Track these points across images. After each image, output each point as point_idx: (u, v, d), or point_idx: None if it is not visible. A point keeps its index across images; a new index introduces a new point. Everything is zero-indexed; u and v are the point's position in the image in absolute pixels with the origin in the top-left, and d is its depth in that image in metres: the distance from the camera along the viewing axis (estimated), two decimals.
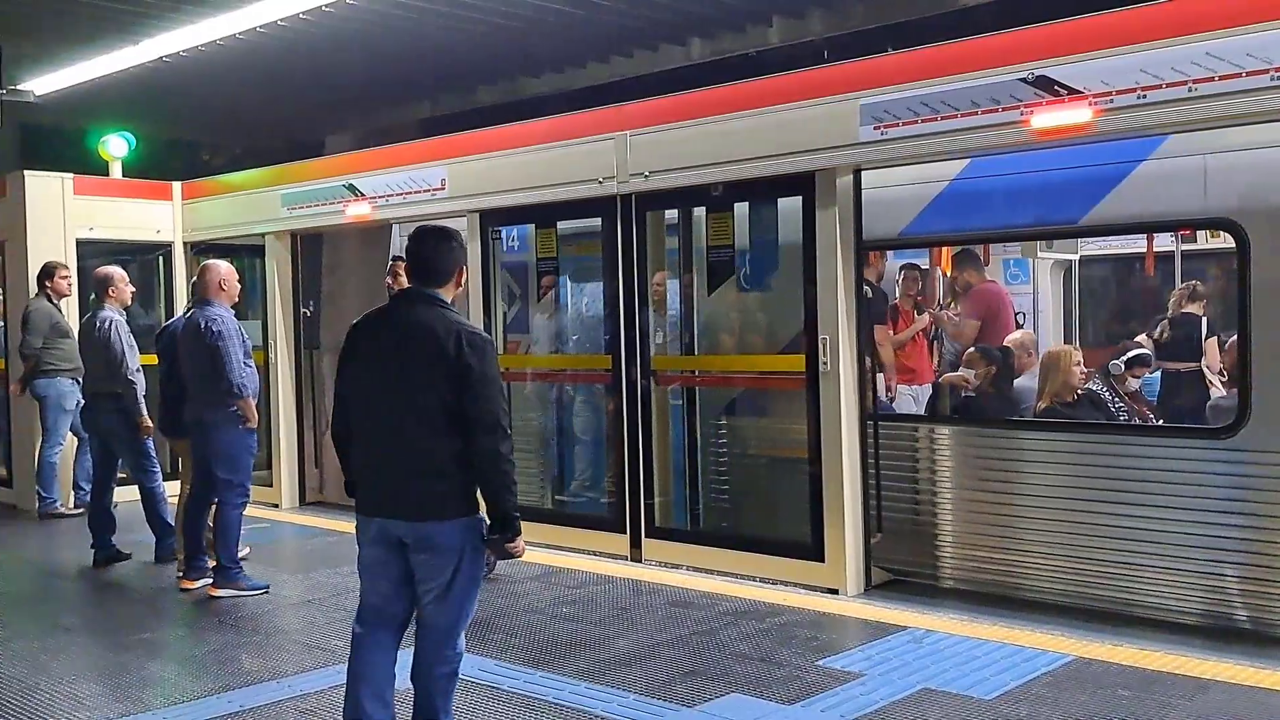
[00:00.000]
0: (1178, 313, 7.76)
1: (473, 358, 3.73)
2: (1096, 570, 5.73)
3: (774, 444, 7.23)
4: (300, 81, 12.70)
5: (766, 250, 6.96)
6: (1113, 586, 5.69)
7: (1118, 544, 5.62)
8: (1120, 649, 5.11)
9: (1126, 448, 5.76)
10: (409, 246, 4.01)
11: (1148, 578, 5.58)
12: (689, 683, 4.77)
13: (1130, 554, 5.60)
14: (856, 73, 6.32)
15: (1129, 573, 5.63)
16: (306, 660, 5.25)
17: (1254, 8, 4.97)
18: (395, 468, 3.80)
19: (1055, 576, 5.89)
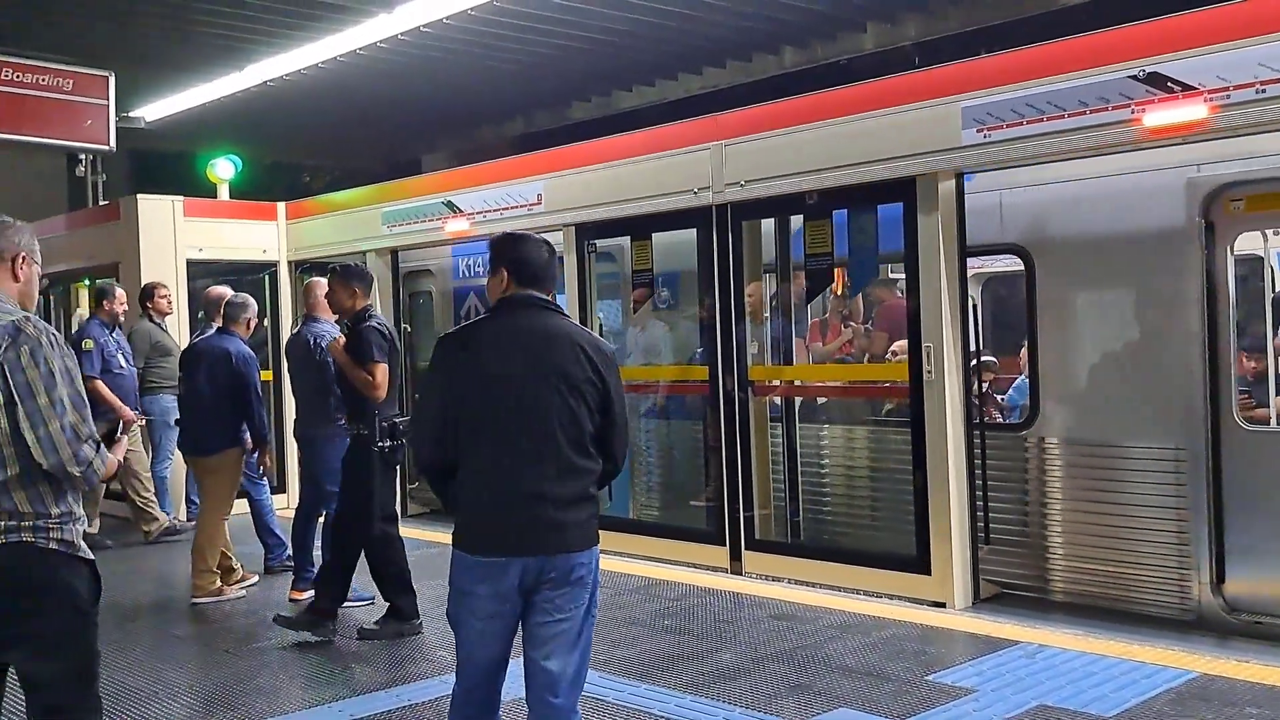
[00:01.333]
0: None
1: (610, 374, 3.41)
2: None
3: (876, 454, 7.11)
4: (397, 102, 12.98)
5: (865, 257, 6.85)
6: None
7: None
8: (1246, 665, 4.91)
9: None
10: (504, 250, 3.53)
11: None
12: (795, 697, 4.70)
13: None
14: (957, 75, 6.21)
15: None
16: (414, 670, 5.32)
17: None
18: (542, 495, 3.30)
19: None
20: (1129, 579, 5.99)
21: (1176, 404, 5.83)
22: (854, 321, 7.79)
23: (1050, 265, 6.28)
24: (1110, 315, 6.21)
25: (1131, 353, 6.11)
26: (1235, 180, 5.68)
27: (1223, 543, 5.69)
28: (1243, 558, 5.66)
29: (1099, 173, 6.02)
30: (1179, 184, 5.80)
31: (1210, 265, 5.75)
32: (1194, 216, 5.76)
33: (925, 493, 6.27)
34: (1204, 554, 5.71)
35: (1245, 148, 5.52)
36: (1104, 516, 6.06)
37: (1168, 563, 5.86)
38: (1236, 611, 5.69)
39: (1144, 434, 5.95)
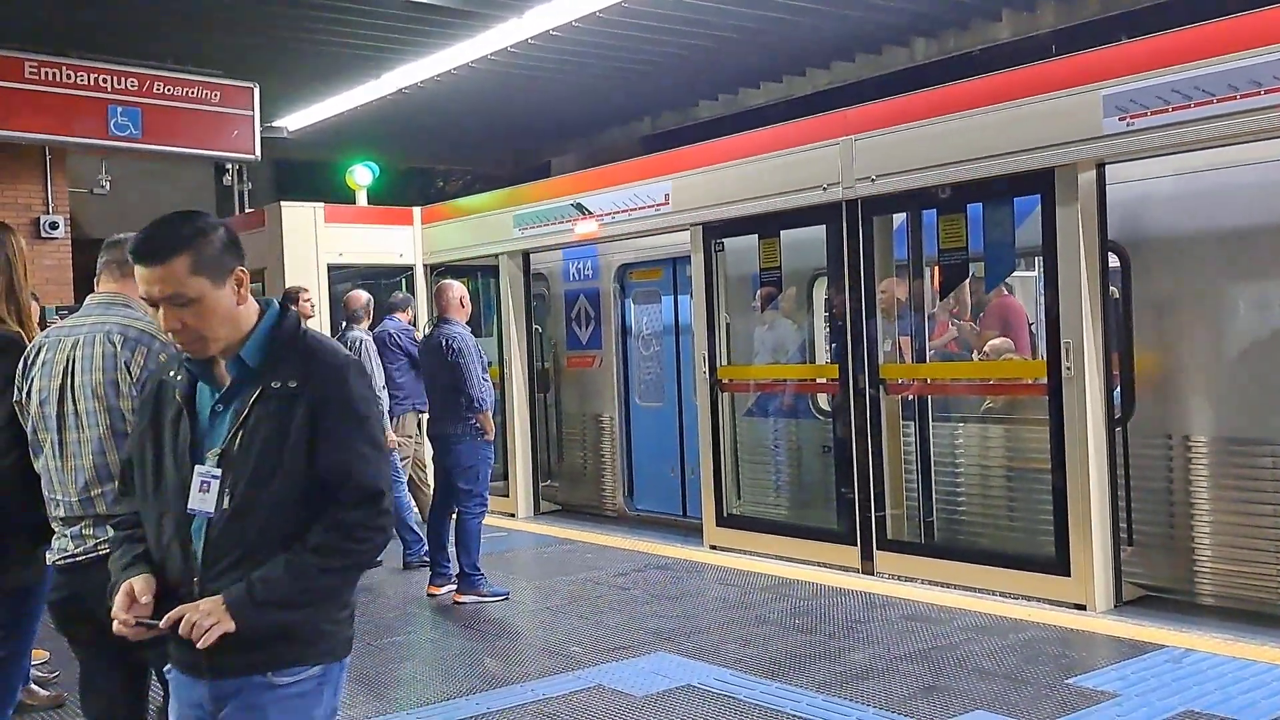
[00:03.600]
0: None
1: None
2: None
3: (1014, 454, 6.94)
4: (526, 106, 13.22)
5: (1002, 251, 6.69)
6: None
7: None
8: None
9: None
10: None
11: None
12: (930, 699, 4.64)
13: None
14: (1096, 62, 6.01)
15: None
16: (547, 665, 5.43)
17: None
18: None
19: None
20: (1236, 575, 5.86)
21: (1275, 399, 5.67)
22: (960, 319, 7.65)
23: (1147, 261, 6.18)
24: (1207, 311, 6.03)
25: (1227, 348, 5.95)
26: None
27: None
28: None
29: (1196, 167, 5.91)
30: (1276, 178, 5.64)
31: None
32: None
33: (1064, 493, 6.10)
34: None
35: None
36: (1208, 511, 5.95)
37: (1267, 557, 5.70)
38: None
39: (1246, 428, 5.84)
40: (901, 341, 7.35)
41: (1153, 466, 6.21)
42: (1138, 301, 6.28)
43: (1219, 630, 5.47)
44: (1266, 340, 5.82)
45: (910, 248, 7.30)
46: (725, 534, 8.08)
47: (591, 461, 10.04)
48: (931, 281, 7.28)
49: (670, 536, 8.66)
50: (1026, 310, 7.75)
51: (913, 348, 7.30)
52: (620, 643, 5.70)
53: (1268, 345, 5.81)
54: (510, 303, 10.08)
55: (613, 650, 5.56)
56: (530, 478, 10.10)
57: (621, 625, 6.06)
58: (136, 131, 10.86)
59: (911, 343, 7.31)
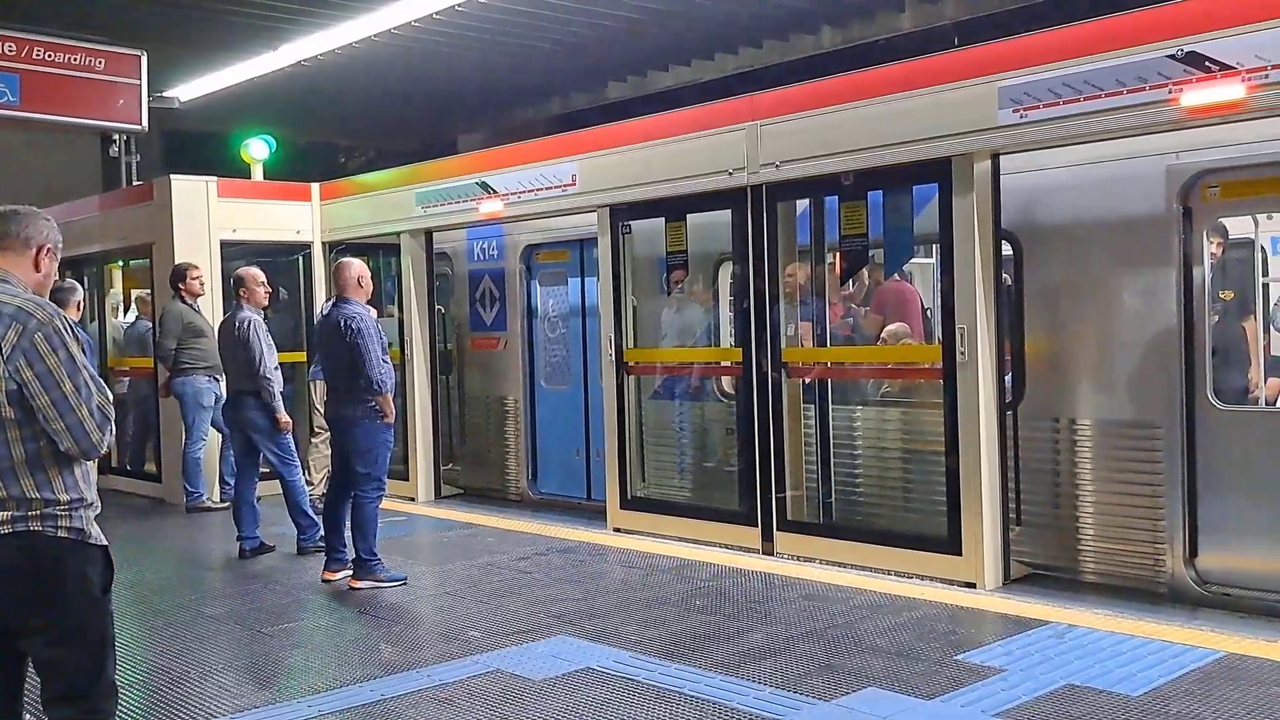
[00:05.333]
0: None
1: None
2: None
3: (909, 436, 7.10)
4: (433, 82, 13.02)
5: (901, 238, 6.82)
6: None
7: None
8: (1276, 645, 4.90)
9: None
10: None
11: None
12: (825, 676, 4.73)
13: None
14: (994, 55, 6.15)
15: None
16: (444, 650, 5.37)
17: None
18: None
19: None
20: (1112, 553, 6.15)
21: (1155, 383, 5.95)
22: (854, 304, 7.80)
23: (1038, 250, 6.40)
24: (1094, 298, 6.25)
25: (1113, 334, 6.19)
26: (1212, 168, 5.77)
27: (1196, 517, 5.82)
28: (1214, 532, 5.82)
29: (1085, 159, 6.10)
30: (1159, 171, 5.87)
31: (1187, 250, 5.87)
32: (1172, 203, 5.85)
33: (957, 474, 6.27)
34: (1178, 528, 5.84)
35: (1222, 136, 5.61)
36: (1090, 492, 6.24)
37: (1144, 536, 6.02)
38: (1207, 584, 5.80)
39: (1125, 412, 6.11)
40: (803, 326, 7.45)
41: (1041, 449, 6.41)
42: (1029, 289, 6.48)
43: (1100, 606, 5.68)
44: (1148, 328, 6.05)
45: (813, 233, 7.40)
46: (629, 517, 8.11)
47: (495, 445, 9.97)
48: (834, 267, 7.39)
49: (574, 520, 8.65)
50: (923, 296, 7.93)
51: (814, 332, 7.40)
52: (520, 627, 5.68)
53: (1149, 332, 6.04)
54: (412, 282, 9.93)
55: (512, 634, 5.54)
56: (431, 461, 9.99)
57: (522, 609, 6.04)
58: (14, 98, 10.37)
59: (813, 327, 7.42)
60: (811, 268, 7.40)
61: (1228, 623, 5.41)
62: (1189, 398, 5.87)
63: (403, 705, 4.62)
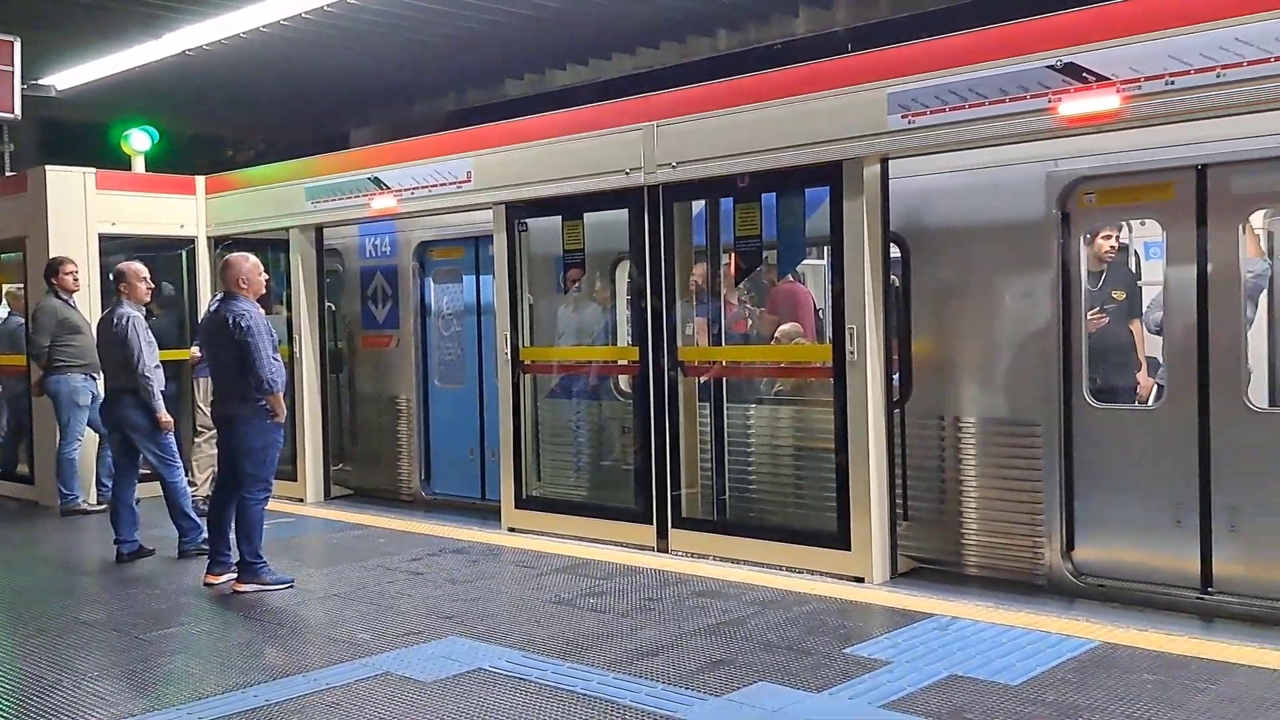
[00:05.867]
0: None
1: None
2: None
3: (801, 434, 7.21)
4: (324, 75, 12.76)
5: (794, 240, 6.92)
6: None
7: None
8: (1146, 634, 5.11)
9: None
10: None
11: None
12: (716, 672, 4.77)
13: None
14: (884, 61, 6.28)
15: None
16: (332, 654, 5.25)
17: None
18: None
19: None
20: (994, 546, 6.35)
21: (1034, 383, 6.17)
22: (749, 304, 7.91)
23: (925, 252, 6.58)
24: (978, 300, 6.44)
25: (995, 335, 6.38)
26: (1089, 175, 6.00)
27: (1073, 511, 6.05)
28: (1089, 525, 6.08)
29: (971, 165, 6.28)
30: (1040, 177, 6.09)
31: (1065, 254, 6.09)
32: (1052, 208, 6.07)
33: (846, 471, 6.39)
34: (1056, 523, 6.06)
35: (1099, 144, 5.84)
36: (974, 488, 6.42)
37: (1024, 530, 6.23)
38: (1083, 576, 6.03)
39: (1006, 410, 6.30)
40: (699, 325, 7.50)
41: (927, 446, 6.57)
42: (916, 291, 6.64)
43: (982, 598, 5.85)
44: (1028, 328, 6.25)
45: (709, 234, 7.46)
46: (524, 516, 8.06)
47: (387, 445, 9.81)
48: (729, 268, 7.47)
49: (468, 520, 8.56)
50: (816, 297, 8.07)
51: (710, 331, 7.46)
52: (410, 628, 5.59)
53: (1029, 333, 6.24)
54: (301, 279, 9.71)
55: (402, 636, 5.45)
56: (321, 461, 9.79)
57: (413, 611, 5.95)
58: None
59: (709, 326, 7.48)
60: (708, 268, 7.46)
61: (1102, 613, 5.61)
62: (1067, 396, 6.09)
63: (287, 710, 4.50)
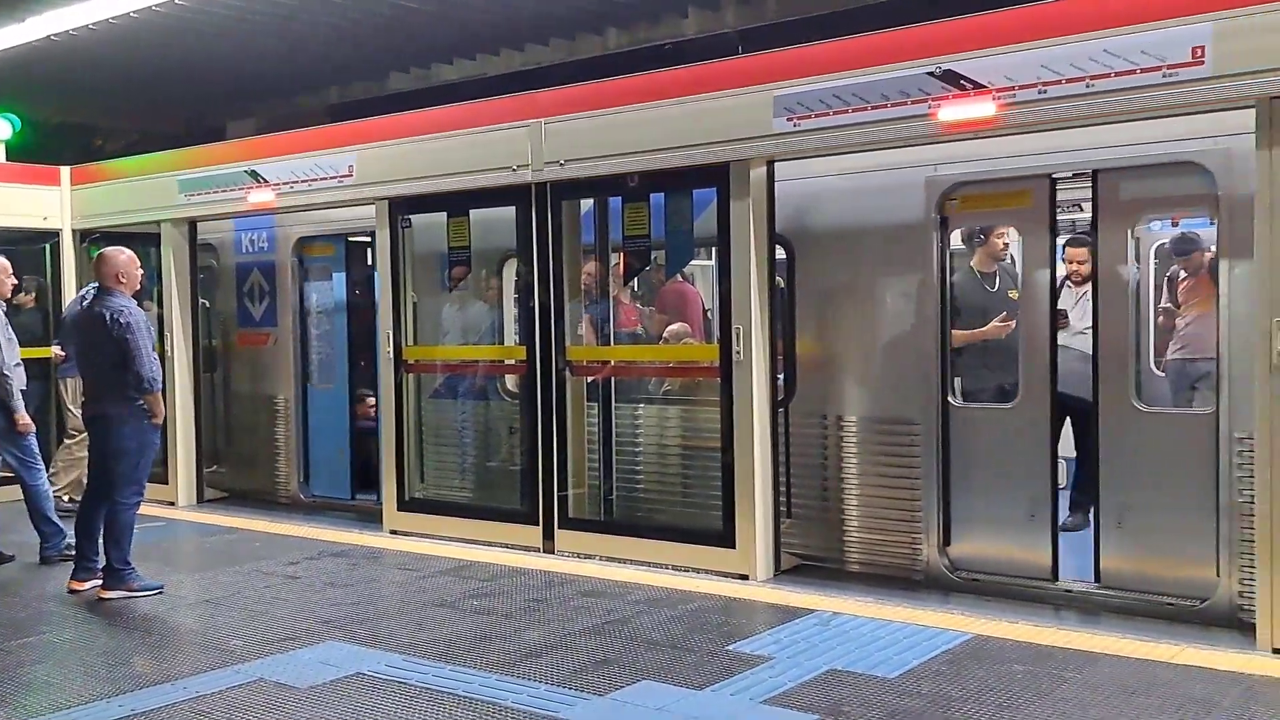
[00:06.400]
0: None
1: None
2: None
3: (688, 433, 7.24)
4: (200, 64, 12.32)
5: (682, 240, 6.95)
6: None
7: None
8: (1017, 626, 5.27)
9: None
10: None
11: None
12: (600, 671, 4.74)
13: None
14: (770, 64, 6.35)
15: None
16: (203, 661, 5.07)
17: (1147, 7, 5.12)
18: None
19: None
20: (874, 543, 6.49)
21: (913, 382, 6.32)
22: (639, 304, 7.94)
23: (809, 254, 6.68)
24: (859, 301, 6.58)
25: (876, 336, 6.53)
26: (965, 180, 6.20)
27: (950, 508, 6.23)
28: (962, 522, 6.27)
29: (854, 168, 6.41)
30: (920, 182, 6.25)
31: (944, 257, 6.27)
32: (930, 212, 6.23)
33: (732, 470, 6.44)
34: (933, 519, 6.23)
35: (979, 150, 6.02)
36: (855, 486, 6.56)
37: (903, 527, 6.39)
38: (958, 571, 6.21)
39: (886, 409, 6.43)
40: (588, 324, 7.48)
41: (810, 445, 6.67)
42: (801, 292, 6.73)
43: (863, 594, 5.96)
44: (906, 329, 6.40)
45: (597, 233, 7.44)
46: (407, 518, 7.92)
47: (264, 445, 9.52)
48: (618, 267, 7.46)
49: (349, 523, 8.37)
50: (704, 297, 8.11)
51: (598, 331, 7.44)
52: (286, 634, 5.43)
53: (907, 334, 6.39)
54: (173, 274, 9.36)
55: (278, 642, 5.29)
56: (193, 463, 9.46)
57: (289, 616, 5.78)
58: None
59: (598, 326, 7.46)
60: (597, 267, 7.44)
61: (976, 606, 5.78)
62: (944, 395, 6.25)
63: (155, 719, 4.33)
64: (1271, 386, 4.87)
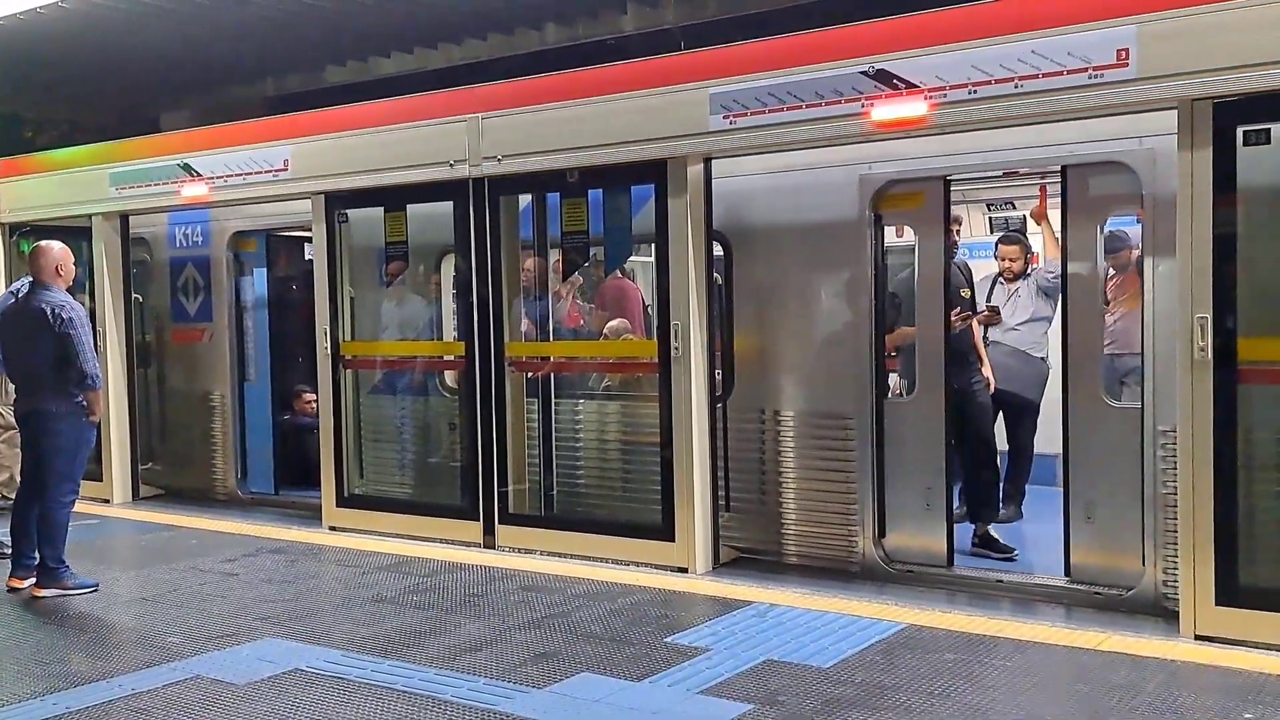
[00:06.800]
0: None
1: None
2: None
3: (628, 428, 7.28)
4: (135, 55, 12.09)
5: (621, 236, 6.98)
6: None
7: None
8: (949, 615, 5.40)
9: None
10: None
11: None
12: (540, 665, 4.78)
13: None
14: (707, 62, 6.40)
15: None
16: (140, 658, 5.02)
17: (1074, 9, 5.25)
18: None
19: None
20: (811, 535, 6.57)
21: (848, 377, 6.42)
22: (579, 300, 7.97)
23: (746, 251, 6.74)
24: (796, 297, 6.66)
25: (812, 331, 6.61)
26: (897, 179, 6.31)
27: (884, 500, 6.36)
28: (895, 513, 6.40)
29: (790, 166, 6.48)
30: (854, 180, 6.35)
31: (878, 254, 6.38)
32: (865, 210, 6.34)
33: (671, 464, 6.49)
34: (869, 511, 6.35)
35: (909, 149, 6.13)
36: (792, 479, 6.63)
37: (839, 519, 6.48)
38: (893, 562, 6.33)
39: (822, 404, 6.52)
40: (527, 320, 7.49)
41: (748, 439, 6.75)
42: (738, 288, 6.80)
43: (800, 586, 6.06)
44: (840, 325, 6.49)
45: (536, 229, 7.45)
46: (346, 514, 7.87)
47: (200, 442, 9.39)
48: (557, 263, 7.46)
49: (288, 519, 8.30)
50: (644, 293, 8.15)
51: (538, 326, 7.45)
52: (224, 631, 5.39)
53: (841, 329, 6.48)
54: (105, 269, 9.20)
55: (215, 639, 5.25)
56: (128, 460, 9.31)
57: (226, 613, 5.73)
58: None
59: (538, 322, 7.47)
60: (535, 262, 7.45)
61: (910, 597, 5.89)
62: (877, 390, 6.35)
63: (91, 717, 4.28)
64: (1194, 381, 5.03)
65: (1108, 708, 4.18)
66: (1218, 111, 4.94)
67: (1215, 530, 4.97)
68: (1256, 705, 4.13)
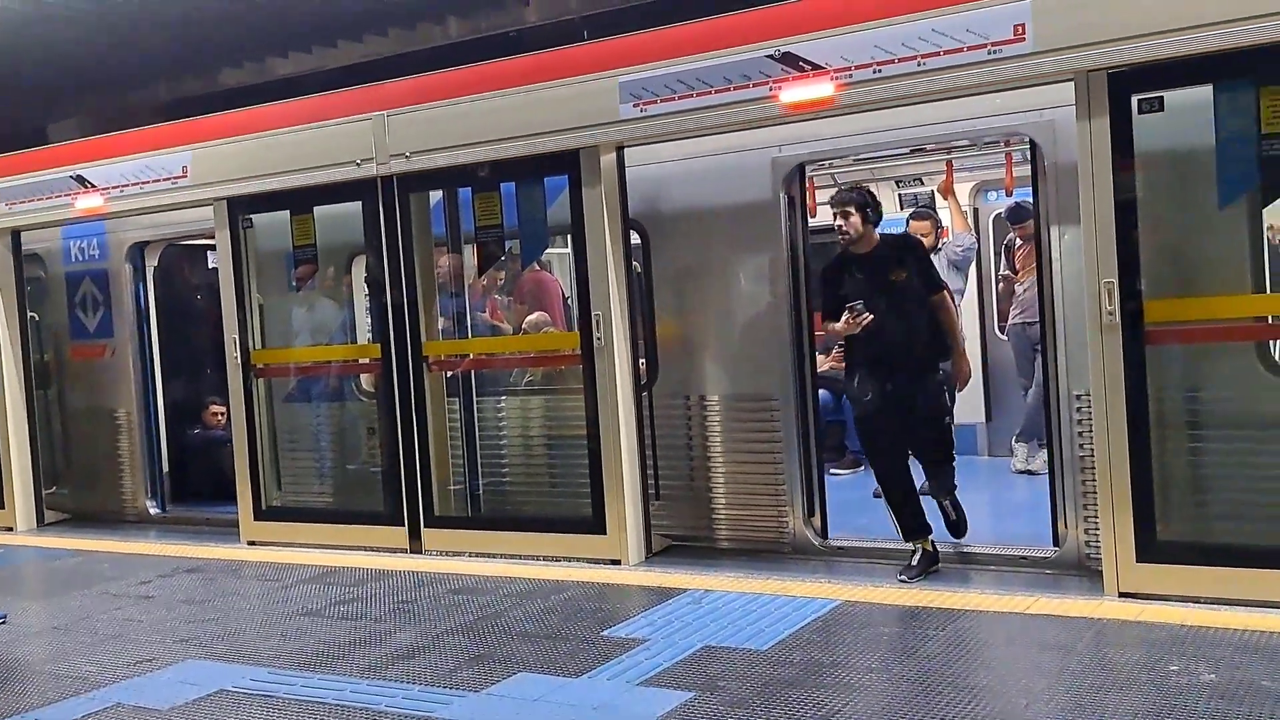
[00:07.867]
0: None
1: None
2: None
3: (553, 422, 7.21)
4: (15, 62, 11.59)
5: (536, 229, 6.90)
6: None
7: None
8: (881, 590, 5.47)
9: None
10: None
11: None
12: (475, 668, 4.69)
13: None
14: (615, 50, 6.35)
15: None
16: (54, 690, 4.80)
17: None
18: None
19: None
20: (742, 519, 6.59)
21: (770, 359, 6.43)
22: (497, 294, 7.89)
23: (663, 238, 6.73)
24: (714, 282, 6.66)
25: (732, 315, 6.62)
26: (809, 160, 6.38)
27: (813, 479, 6.39)
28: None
29: (703, 152, 6.47)
30: (766, 163, 6.38)
31: (794, 235, 6.41)
32: (778, 192, 6.37)
33: (599, 456, 6.44)
34: (797, 490, 6.38)
35: (817, 131, 6.17)
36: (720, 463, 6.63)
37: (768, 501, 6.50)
38: (825, 539, 6.41)
39: (746, 387, 6.52)
40: (444, 318, 7.37)
41: (675, 426, 6.73)
42: (657, 275, 6.78)
43: (733, 570, 6.06)
44: (761, 308, 6.50)
45: (448, 225, 7.33)
46: (265, 528, 7.67)
47: (107, 462, 9.06)
48: (472, 258, 7.36)
49: (205, 537, 8.05)
50: (564, 285, 8.09)
51: (456, 324, 7.33)
52: (142, 656, 5.19)
53: (762, 312, 6.50)
54: None
55: (134, 665, 5.05)
56: (30, 485, 8.94)
57: (145, 637, 5.52)
58: None
59: (455, 319, 7.35)
60: (449, 259, 7.33)
61: (843, 573, 5.95)
62: (801, 370, 6.38)
63: None
64: (1104, 344, 5.14)
65: (1042, 668, 4.26)
66: (1112, 82, 5.05)
67: (1132, 490, 5.08)
68: (1180, 657, 4.24)
